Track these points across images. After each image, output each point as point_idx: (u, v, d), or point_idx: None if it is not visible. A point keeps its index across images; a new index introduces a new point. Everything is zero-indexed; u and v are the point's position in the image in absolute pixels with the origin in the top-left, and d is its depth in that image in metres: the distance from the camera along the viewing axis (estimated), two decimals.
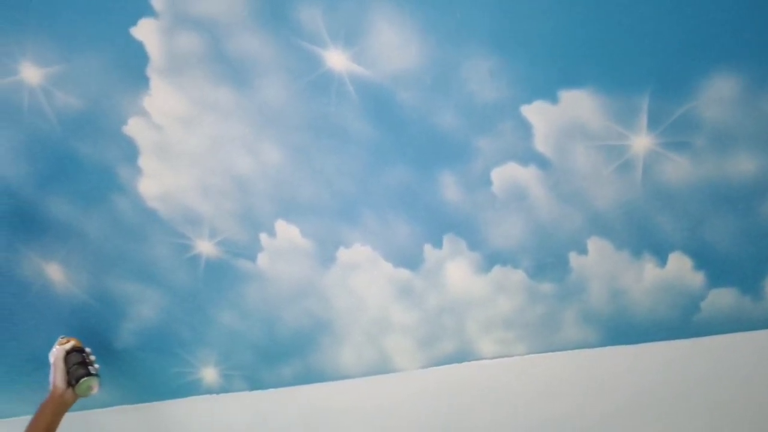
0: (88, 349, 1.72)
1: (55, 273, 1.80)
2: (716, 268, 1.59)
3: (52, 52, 1.44)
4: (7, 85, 1.49)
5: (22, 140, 1.59)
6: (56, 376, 1.64)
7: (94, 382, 1.66)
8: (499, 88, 1.39)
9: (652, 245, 1.58)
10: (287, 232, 1.67)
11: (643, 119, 1.38)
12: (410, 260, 1.69)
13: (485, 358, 1.84)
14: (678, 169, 1.45)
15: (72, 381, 1.65)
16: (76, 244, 1.75)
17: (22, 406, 2.02)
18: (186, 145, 1.55)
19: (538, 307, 1.72)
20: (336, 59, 1.39)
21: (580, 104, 1.38)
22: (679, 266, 1.59)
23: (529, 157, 1.47)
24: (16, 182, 1.66)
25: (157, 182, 1.62)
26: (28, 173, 1.64)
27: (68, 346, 1.69)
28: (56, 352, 1.68)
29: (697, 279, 1.60)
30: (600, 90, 1.37)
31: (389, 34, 1.35)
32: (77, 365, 1.67)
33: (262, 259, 1.73)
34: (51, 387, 1.65)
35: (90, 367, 1.68)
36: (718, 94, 1.34)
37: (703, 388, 1.76)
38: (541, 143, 1.45)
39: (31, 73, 1.47)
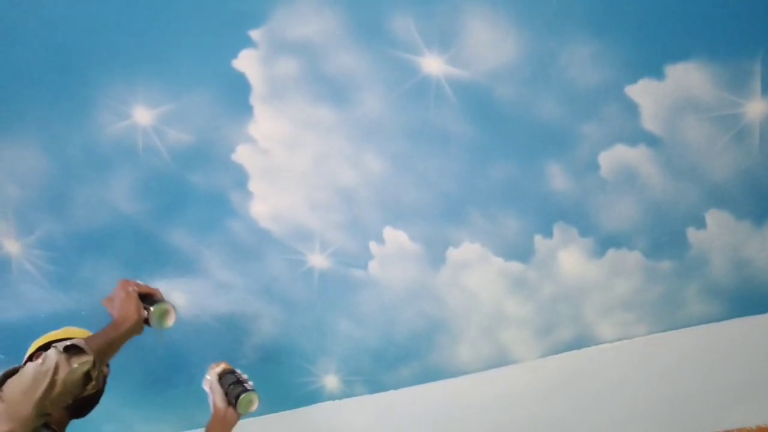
0: (238, 371, 1.73)
1: (179, 299, 1.89)
2: None
3: (160, 93, 1.51)
4: (122, 129, 1.57)
5: (140, 178, 1.67)
6: (215, 398, 1.65)
7: (253, 397, 1.65)
8: (601, 72, 1.36)
9: None
10: (396, 237, 1.70)
11: (757, 84, 1.32)
12: (521, 253, 1.68)
13: (605, 342, 1.81)
14: None
15: (232, 400, 1.63)
16: (197, 270, 1.83)
17: (158, 426, 2.14)
18: (291, 165, 1.59)
19: (658, 286, 1.68)
20: (432, 64, 1.40)
21: (688, 77, 1.34)
22: None
23: (637, 137, 1.44)
24: (138, 218, 1.75)
25: (267, 204, 1.67)
26: (148, 209, 1.73)
27: (219, 369, 1.71)
28: (210, 377, 1.70)
29: None
30: (708, 60, 1.32)
31: (484, 33, 1.34)
32: (233, 385, 1.67)
33: (373, 267, 1.76)
34: (213, 410, 1.63)
35: (245, 384, 1.68)
36: None
37: None
38: (649, 121, 1.41)
39: (143, 115, 1.55)
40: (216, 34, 1.41)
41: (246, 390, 1.63)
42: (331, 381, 2.02)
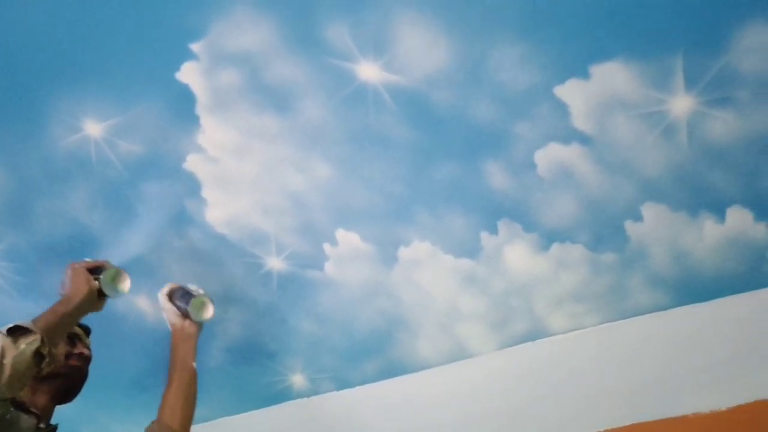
0: (190, 286, 1.66)
1: (145, 305, 1.91)
2: None
3: (109, 106, 1.53)
4: (74, 142, 1.59)
5: (96, 189, 1.69)
6: (169, 316, 1.60)
7: (204, 299, 1.59)
8: (530, 73, 1.38)
9: (708, 203, 1.53)
10: (348, 239, 1.72)
11: (680, 80, 1.34)
12: (469, 250, 1.70)
13: (558, 333, 1.83)
14: (724, 125, 1.40)
15: (184, 312, 1.58)
16: (159, 277, 1.85)
17: (134, 428, 2.16)
18: (241, 172, 1.61)
19: (603, 277, 1.70)
20: (368, 71, 1.42)
21: (612, 76, 1.36)
22: (740, 220, 1.54)
23: (569, 135, 1.46)
24: (97, 227, 1.77)
25: (221, 210, 1.70)
26: (106, 218, 1.75)
27: (166, 290, 1.66)
28: (160, 299, 1.66)
29: (759, 230, 1.55)
30: (630, 58, 1.34)
31: (416, 38, 1.36)
32: (182, 298, 1.62)
33: (329, 267, 1.78)
34: (171, 329, 1.60)
35: (193, 292, 1.61)
36: (754, 43, 1.29)
37: None
38: (579, 120, 1.43)
39: (93, 128, 1.57)
40: (158, 48, 1.43)
41: (193, 296, 1.58)
42: (298, 379, 2.05)
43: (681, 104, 1.37)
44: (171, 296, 1.67)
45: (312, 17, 1.35)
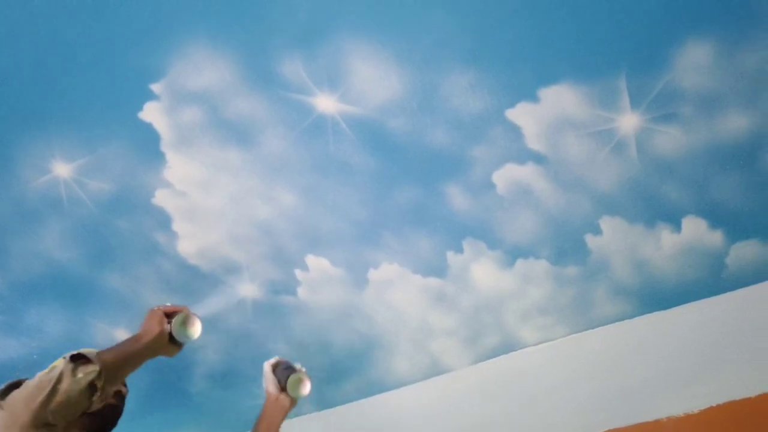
0: (297, 364, 1.62)
1: (124, 336, 1.91)
2: (732, 223, 1.55)
3: (76, 147, 1.54)
4: (44, 183, 1.60)
5: (68, 228, 1.70)
6: (268, 386, 1.58)
7: (302, 376, 1.56)
8: (481, 99, 1.40)
9: (663, 214, 1.56)
10: (318, 264, 1.73)
11: (625, 99, 1.37)
12: (437, 269, 1.71)
13: (529, 345, 1.85)
14: (671, 139, 1.43)
15: (282, 384, 1.56)
16: (135, 309, 1.85)
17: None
18: (209, 204, 1.63)
19: (568, 290, 1.72)
20: (325, 103, 1.43)
21: (560, 98, 1.38)
22: (695, 228, 1.56)
23: (524, 156, 1.48)
24: (72, 265, 1.77)
25: (193, 242, 1.70)
26: (81, 255, 1.75)
27: (273, 361, 1.62)
28: (265, 369, 1.60)
29: (715, 237, 1.57)
30: (576, 81, 1.36)
31: (368, 71, 1.38)
32: (283, 371, 1.58)
33: (302, 292, 1.79)
34: (266, 395, 1.57)
35: (295, 367, 1.59)
36: (694, 61, 1.32)
37: (741, 338, 1.72)
38: (533, 141, 1.46)
39: (62, 169, 1.58)
40: (120, 90, 1.44)
41: (294, 371, 1.55)
42: None
43: (628, 122, 1.40)
44: (275, 368, 1.66)
45: (266, 55, 1.37)
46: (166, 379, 1.95)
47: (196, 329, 1.44)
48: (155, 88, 1.43)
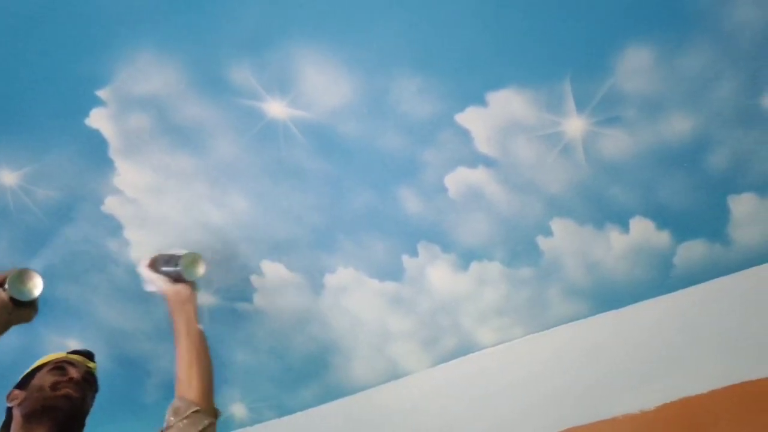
0: (168, 251, 1.55)
1: (76, 347, 1.87)
2: (678, 224, 1.59)
3: (21, 155, 1.51)
4: None
5: (17, 236, 1.66)
6: (160, 285, 1.50)
7: (194, 255, 1.49)
8: (430, 103, 1.41)
9: (612, 215, 1.59)
10: (274, 269, 1.72)
11: (571, 103, 1.39)
12: (392, 272, 1.72)
13: (487, 347, 1.86)
14: (617, 142, 1.46)
15: (175, 275, 1.49)
16: (89, 318, 1.83)
17: None
18: (161, 211, 1.61)
19: (522, 291, 1.74)
20: (276, 108, 1.43)
21: (508, 102, 1.40)
22: (643, 229, 1.59)
23: (474, 159, 1.50)
24: None
25: (145, 249, 1.68)
26: (29, 264, 1.71)
27: (147, 262, 1.55)
28: (143, 273, 1.55)
29: (662, 238, 1.61)
30: (523, 85, 1.38)
31: (318, 76, 1.39)
32: (166, 262, 1.51)
33: (258, 299, 1.78)
34: (166, 299, 1.50)
35: (177, 254, 1.50)
36: (635, 66, 1.35)
37: (691, 335, 1.77)
38: (482, 144, 1.47)
39: (8, 177, 1.55)
40: (65, 96, 1.42)
41: (180, 256, 1.46)
42: (238, 408, 2.03)
43: (574, 125, 1.42)
44: (154, 267, 1.54)
45: (215, 60, 1.37)
46: (118, 389, 1.91)
47: (35, 282, 1.37)
48: (101, 94, 1.41)
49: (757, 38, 1.29)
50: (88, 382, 1.44)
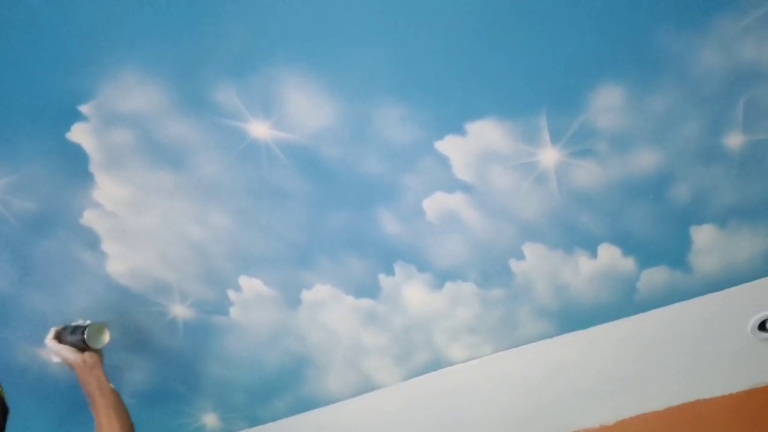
0: (71, 323, 1.63)
1: (48, 356, 1.84)
2: (643, 251, 1.64)
3: (0, 165, 1.49)
4: None
5: None
6: (66, 356, 1.56)
7: (98, 325, 1.58)
8: (411, 131, 1.44)
9: (581, 241, 1.63)
10: (251, 285, 1.73)
11: (546, 136, 1.43)
12: (369, 290, 1.74)
13: (458, 363, 1.90)
14: (588, 173, 1.50)
15: (81, 344, 1.56)
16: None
17: None
18: (140, 225, 1.60)
19: (494, 311, 1.78)
20: (259, 129, 1.44)
21: (486, 132, 1.43)
22: (609, 255, 1.64)
23: (452, 185, 1.53)
24: None
25: (122, 262, 1.67)
26: (3, 273, 1.69)
27: (52, 333, 1.61)
28: (49, 345, 1.61)
29: (627, 264, 1.66)
30: (501, 117, 1.42)
31: (301, 100, 1.40)
32: (72, 333, 1.58)
33: (234, 312, 1.78)
34: (74, 368, 1.56)
35: (83, 324, 1.58)
36: (606, 103, 1.39)
37: (651, 355, 1.82)
38: (460, 171, 1.50)
39: None
40: (47, 110, 1.40)
41: (85, 326, 1.56)
42: (210, 419, 2.02)
43: (549, 156, 1.46)
44: (59, 338, 1.61)
45: (198, 80, 1.37)
46: (80, 396, 1.89)
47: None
48: (84, 109, 1.40)
49: (722, 83, 1.34)
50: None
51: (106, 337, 1.61)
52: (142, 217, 1.59)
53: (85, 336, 1.57)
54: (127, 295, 1.73)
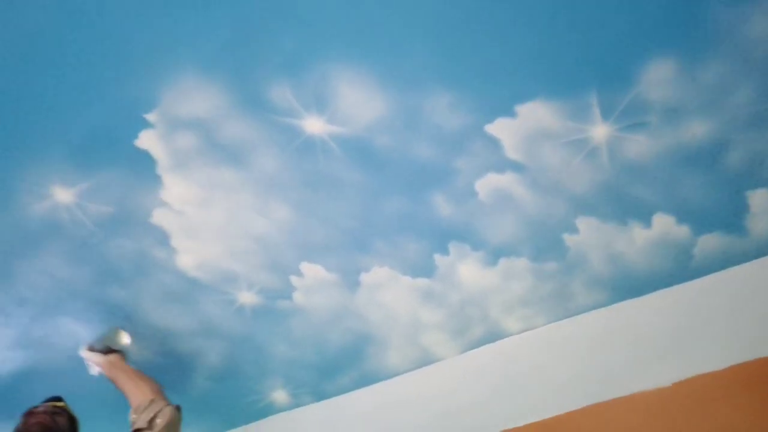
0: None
1: (130, 346, 1.95)
2: (697, 218, 1.63)
3: (74, 173, 1.56)
4: (46, 208, 1.63)
5: (72, 248, 1.73)
6: (95, 361, 1.82)
7: (113, 328, 1.82)
8: (461, 116, 1.45)
9: (634, 213, 1.63)
10: (313, 270, 1.78)
11: (596, 112, 1.42)
12: (424, 270, 1.78)
13: (513, 335, 1.93)
14: (639, 145, 1.49)
15: (104, 348, 1.81)
16: (139, 319, 1.90)
17: None
18: (206, 221, 1.66)
19: (547, 283, 1.80)
20: (314, 125, 1.47)
21: (536, 113, 1.43)
22: (664, 225, 1.64)
23: (503, 165, 1.54)
24: (77, 281, 1.80)
25: (191, 256, 1.74)
26: (84, 273, 1.78)
27: (85, 347, 1.86)
28: (83, 354, 1.85)
29: (682, 231, 1.65)
30: (551, 97, 1.41)
31: (353, 94, 1.42)
32: (97, 341, 1.83)
33: (297, 297, 1.85)
34: (103, 371, 1.82)
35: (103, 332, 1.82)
36: (657, 77, 1.37)
37: (706, 319, 1.82)
38: (511, 152, 1.51)
39: (62, 194, 1.60)
40: (115, 120, 1.46)
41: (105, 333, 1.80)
42: (279, 395, 2.12)
43: (599, 132, 1.46)
44: (90, 348, 1.86)
45: (255, 82, 1.40)
46: (170, 381, 1.99)
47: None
48: (149, 117, 1.46)
49: None
50: (57, 413, 1.74)
51: (124, 339, 1.84)
52: (208, 213, 1.65)
53: (105, 338, 1.81)
54: (197, 286, 1.81)
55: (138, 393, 1.68)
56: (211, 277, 1.78)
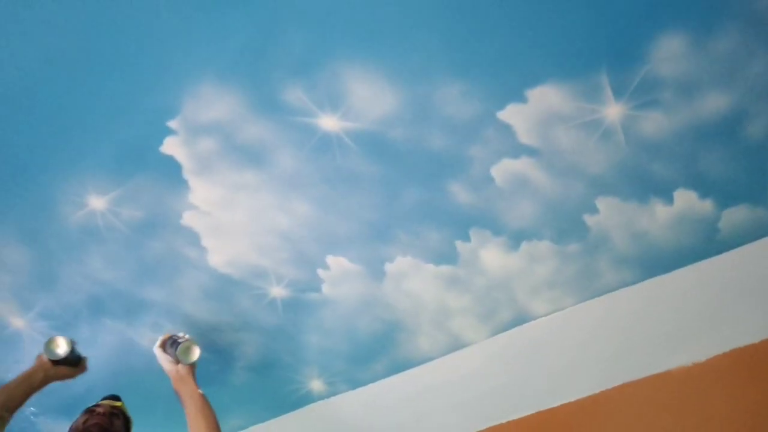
0: (178, 333, 1.84)
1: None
2: (720, 191, 1.60)
3: (107, 181, 1.63)
4: (83, 216, 1.70)
5: (108, 252, 1.80)
6: (164, 365, 1.80)
7: (189, 344, 1.77)
8: (472, 105, 1.45)
9: (655, 189, 1.61)
10: (338, 263, 1.82)
11: (608, 92, 1.41)
12: (448, 257, 1.79)
13: (540, 317, 1.93)
14: (655, 123, 1.47)
15: (175, 358, 1.77)
16: (178, 316, 1.97)
17: None
18: (233, 221, 1.71)
19: (572, 264, 1.79)
20: (328, 123, 1.49)
21: (547, 97, 1.42)
22: (686, 200, 1.61)
23: (517, 150, 1.53)
24: (116, 283, 1.88)
25: (222, 254, 1.80)
26: (122, 275, 1.86)
27: (159, 342, 1.86)
28: (155, 351, 1.86)
29: (706, 206, 1.62)
30: (560, 79, 1.40)
31: (365, 90, 1.44)
32: (171, 347, 1.79)
33: (326, 288, 1.88)
34: (168, 375, 1.79)
35: (179, 339, 1.77)
36: (668, 52, 1.35)
37: (736, 292, 1.78)
38: (524, 137, 1.51)
39: (97, 202, 1.67)
40: (141, 129, 1.52)
41: (180, 343, 1.77)
42: (316, 384, 2.17)
43: (613, 111, 1.44)
44: (163, 346, 1.85)
45: (269, 85, 1.43)
46: (211, 374, 2.06)
47: (58, 342, 1.82)
48: (172, 124, 1.50)
49: None
50: (114, 414, 1.79)
51: (195, 355, 1.81)
52: (234, 213, 1.70)
53: (177, 352, 1.79)
54: (230, 282, 1.86)
55: (194, 429, 1.66)
56: (242, 273, 1.84)
